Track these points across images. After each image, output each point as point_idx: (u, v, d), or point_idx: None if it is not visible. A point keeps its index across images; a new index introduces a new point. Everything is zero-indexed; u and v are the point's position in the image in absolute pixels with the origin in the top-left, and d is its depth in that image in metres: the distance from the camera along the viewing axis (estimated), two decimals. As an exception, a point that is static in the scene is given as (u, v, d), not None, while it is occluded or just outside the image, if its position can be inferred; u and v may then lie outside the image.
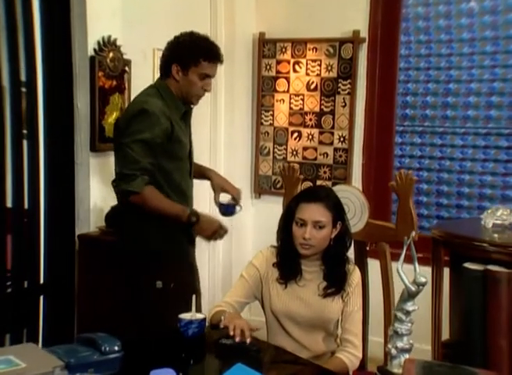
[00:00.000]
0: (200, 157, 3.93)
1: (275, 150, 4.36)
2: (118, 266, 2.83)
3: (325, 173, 4.20)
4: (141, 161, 2.52)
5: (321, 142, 4.20)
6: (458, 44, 3.88)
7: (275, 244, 2.39)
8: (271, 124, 4.33)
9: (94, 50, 3.31)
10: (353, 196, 2.61)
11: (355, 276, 2.34)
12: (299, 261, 2.31)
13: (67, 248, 3.28)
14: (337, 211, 2.30)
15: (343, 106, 4.11)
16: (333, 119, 4.15)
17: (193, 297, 2.10)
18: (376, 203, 3.96)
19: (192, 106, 2.76)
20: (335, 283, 2.28)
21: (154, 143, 2.52)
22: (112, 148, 3.36)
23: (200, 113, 4.10)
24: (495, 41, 3.77)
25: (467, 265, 1.85)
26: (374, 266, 2.72)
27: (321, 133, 4.20)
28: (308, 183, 4.22)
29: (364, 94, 4.09)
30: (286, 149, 4.31)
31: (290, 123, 4.29)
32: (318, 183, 4.20)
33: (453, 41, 3.89)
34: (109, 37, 3.36)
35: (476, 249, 1.83)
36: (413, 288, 1.56)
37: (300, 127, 4.24)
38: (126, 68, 3.49)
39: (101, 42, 3.33)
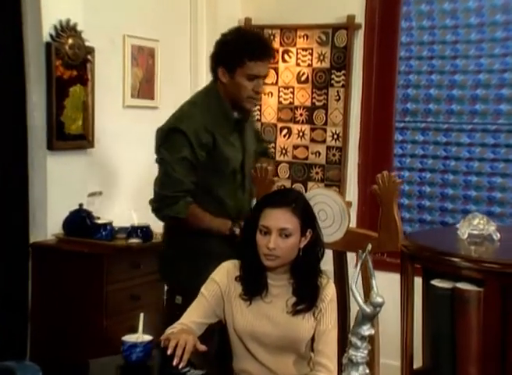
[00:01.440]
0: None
1: (263, 149, 4.27)
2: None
3: (317, 173, 4.15)
4: (184, 182, 2.56)
5: (312, 140, 4.16)
6: (465, 30, 3.81)
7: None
8: (258, 120, 4.25)
9: (51, 36, 3.22)
10: (331, 201, 2.55)
11: (329, 290, 2.23)
12: (264, 274, 2.21)
13: (19, 258, 3.20)
14: (306, 217, 2.20)
15: (337, 100, 4.06)
16: (326, 114, 4.10)
17: (141, 315, 2.03)
18: (373, 208, 3.77)
19: (249, 109, 2.72)
20: (305, 298, 2.18)
21: (196, 160, 2.56)
22: (73, 147, 3.34)
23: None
24: (506, 27, 3.73)
25: (435, 282, 1.77)
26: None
27: (312, 129, 4.15)
28: (298, 186, 4.17)
29: (360, 86, 4.06)
30: (274, 148, 4.24)
31: (279, 119, 4.25)
32: (310, 185, 4.16)
33: (459, 26, 3.83)
34: (68, 20, 3.27)
35: (446, 264, 1.74)
36: (368, 310, 1.48)
37: (290, 123, 4.20)
38: (89, 56, 3.39)
39: (59, 27, 3.24)
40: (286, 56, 4.20)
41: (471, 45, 3.79)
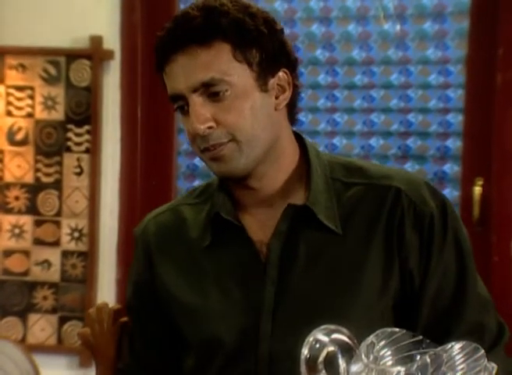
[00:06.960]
0: None
1: None
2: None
3: (45, 299, 3.66)
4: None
5: (37, 241, 3.70)
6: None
7: None
8: None
9: None
10: (8, 362, 2.48)
11: None
12: None
13: None
14: None
15: (78, 173, 3.67)
16: (60, 197, 3.69)
17: None
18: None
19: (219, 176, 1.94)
20: None
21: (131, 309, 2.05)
22: None
23: None
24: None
25: None
26: None
27: (37, 223, 3.72)
28: (12, 321, 3.53)
29: (119, 150, 3.62)
30: (-31, 253, 3.77)
31: (-21, 205, 3.77)
32: (33, 319, 3.57)
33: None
34: None
35: None
36: None
37: (-1, 213, 3.82)
38: None
39: None
40: (-12, 100, 3.74)
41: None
